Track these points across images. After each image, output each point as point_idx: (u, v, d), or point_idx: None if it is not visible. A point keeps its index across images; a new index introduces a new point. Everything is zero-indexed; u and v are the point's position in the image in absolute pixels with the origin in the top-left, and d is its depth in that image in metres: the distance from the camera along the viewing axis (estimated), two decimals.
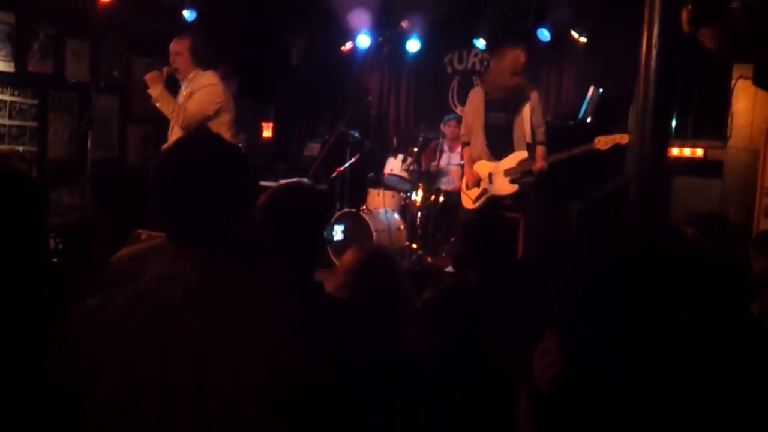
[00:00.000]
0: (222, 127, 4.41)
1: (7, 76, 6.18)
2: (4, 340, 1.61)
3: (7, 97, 6.22)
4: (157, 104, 4.52)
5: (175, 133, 4.56)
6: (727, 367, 0.57)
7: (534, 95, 5.16)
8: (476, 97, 5.37)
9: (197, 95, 4.45)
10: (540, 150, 5.09)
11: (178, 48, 4.54)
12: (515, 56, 5.08)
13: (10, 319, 1.63)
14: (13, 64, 6.22)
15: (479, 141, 5.30)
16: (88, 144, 5.58)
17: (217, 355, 1.24)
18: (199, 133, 1.51)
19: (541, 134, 5.14)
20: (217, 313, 1.28)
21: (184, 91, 4.57)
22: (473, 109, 5.38)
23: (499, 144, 5.22)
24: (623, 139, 4.72)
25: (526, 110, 5.11)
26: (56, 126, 6.61)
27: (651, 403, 0.56)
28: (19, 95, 6.31)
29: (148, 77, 4.52)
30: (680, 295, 0.62)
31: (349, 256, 2.25)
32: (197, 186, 1.34)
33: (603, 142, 4.81)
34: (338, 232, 6.44)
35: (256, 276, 1.64)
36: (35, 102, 6.43)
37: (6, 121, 6.22)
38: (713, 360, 0.58)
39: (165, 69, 4.54)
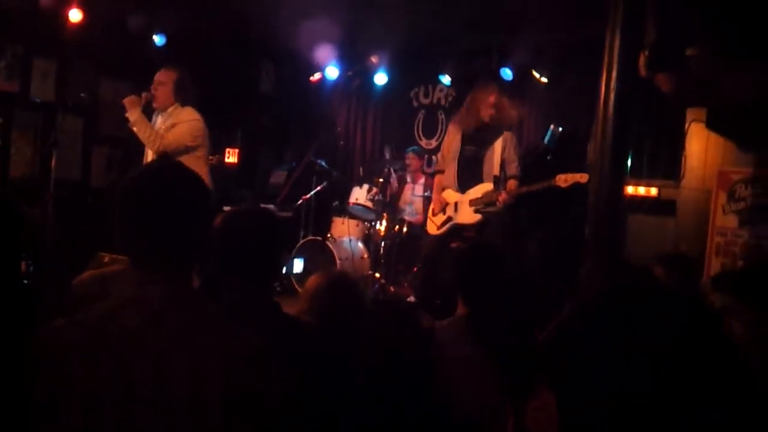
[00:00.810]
0: (199, 161, 4.44)
1: None
2: None
3: None
4: (134, 128, 4.51)
5: (149, 159, 4.57)
6: (710, 377, 0.60)
7: (506, 132, 5.32)
8: (453, 129, 5.53)
9: (179, 127, 4.48)
10: (511, 183, 5.23)
11: (164, 78, 4.56)
12: (488, 95, 5.26)
13: None
14: None
15: (451, 171, 5.45)
16: (52, 164, 5.53)
17: (177, 374, 1.28)
18: (163, 160, 1.54)
19: (513, 168, 5.31)
20: (177, 334, 1.31)
21: (163, 123, 4.58)
22: (449, 140, 5.54)
23: (468, 175, 5.38)
24: (583, 178, 4.83)
25: (498, 144, 5.27)
26: (19, 145, 6.53)
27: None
28: None
29: (126, 101, 4.52)
30: (665, 339, 0.64)
31: (312, 280, 2.28)
32: (161, 212, 1.37)
33: (563, 180, 4.93)
34: (298, 264, 6.47)
35: (213, 298, 1.68)
36: None
37: None
38: (699, 372, 0.61)
39: (144, 95, 4.55)
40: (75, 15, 6.23)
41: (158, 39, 6.96)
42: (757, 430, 0.59)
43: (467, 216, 5.32)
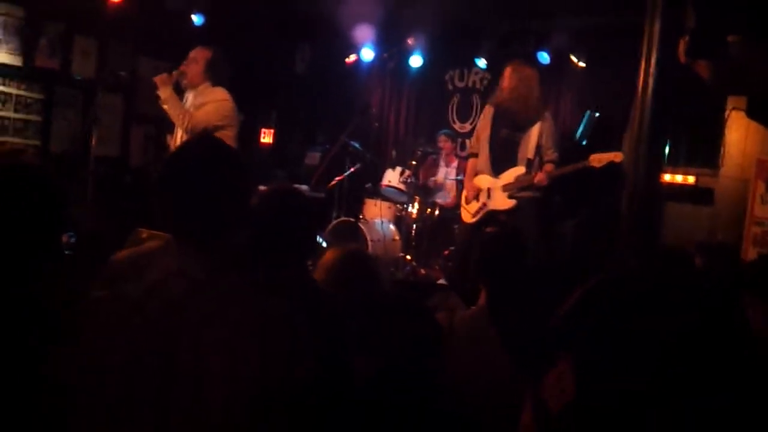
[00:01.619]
0: (227, 141, 4.43)
1: (14, 70, 6.24)
2: (21, 332, 1.67)
3: (13, 91, 6.28)
4: (165, 106, 4.54)
5: (179, 137, 4.62)
6: (718, 363, 0.59)
7: (545, 116, 5.18)
8: (488, 111, 5.43)
9: (208, 107, 4.48)
10: (548, 167, 5.11)
11: (197, 56, 4.55)
12: (528, 75, 5.15)
13: (27, 310, 1.69)
14: (20, 58, 6.29)
15: (484, 155, 5.35)
16: (92, 141, 5.64)
17: (216, 345, 1.32)
18: (203, 136, 1.56)
19: (550, 155, 5.15)
20: (219, 305, 1.35)
21: (193, 101, 4.60)
22: (483, 123, 5.44)
23: (503, 160, 5.26)
24: (617, 157, 4.76)
25: (535, 130, 5.13)
26: (60, 122, 6.67)
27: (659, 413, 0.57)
28: (25, 89, 6.38)
29: (157, 79, 4.54)
30: (690, 322, 0.64)
31: (329, 254, 2.30)
32: (202, 187, 1.40)
33: (597, 160, 4.85)
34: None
35: (251, 273, 1.72)
36: (41, 97, 6.50)
37: (11, 114, 6.28)
38: (708, 357, 0.60)
39: (174, 72, 4.58)
40: None
41: (197, 18, 7.02)
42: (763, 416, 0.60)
43: (501, 202, 5.25)
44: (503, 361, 2.00)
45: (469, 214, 5.47)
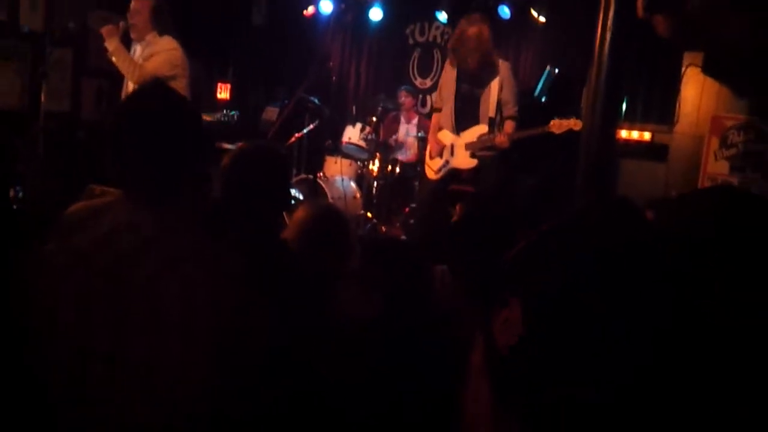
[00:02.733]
0: (179, 91, 4.37)
1: None
2: None
3: None
4: (113, 59, 4.45)
5: (130, 89, 4.52)
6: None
7: (504, 70, 5.15)
8: (449, 65, 5.40)
9: (157, 57, 4.40)
10: (508, 125, 5.11)
11: (139, 6, 4.47)
12: (480, 29, 5.10)
13: None
14: None
15: (447, 110, 5.35)
16: (41, 96, 5.47)
17: (168, 299, 1.30)
18: (155, 85, 1.50)
19: (510, 109, 5.15)
20: (170, 260, 1.33)
21: (141, 52, 4.52)
22: (446, 77, 5.42)
23: (465, 115, 5.26)
24: (577, 125, 4.77)
25: (495, 84, 5.12)
26: (8, 76, 6.43)
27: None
28: None
29: (104, 30, 4.43)
30: (649, 262, 0.63)
31: (301, 210, 2.29)
32: (154, 138, 1.36)
33: (557, 126, 4.87)
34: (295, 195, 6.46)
35: (211, 230, 1.70)
36: None
37: None
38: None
39: (121, 24, 4.46)
40: None
41: None
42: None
43: (463, 160, 5.28)
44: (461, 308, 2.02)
45: (432, 170, 5.49)
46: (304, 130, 6.73)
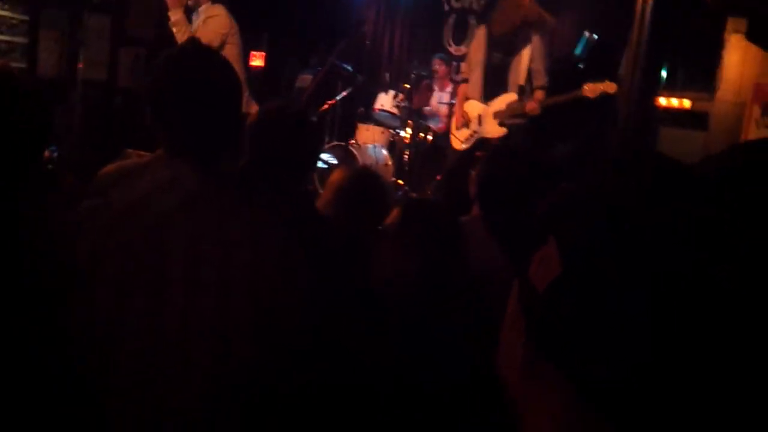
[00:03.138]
0: (229, 59, 4.45)
1: None
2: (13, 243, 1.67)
3: None
4: (174, 29, 4.61)
5: None
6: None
7: (536, 39, 5.05)
8: (480, 33, 5.31)
9: (206, 25, 4.58)
10: (538, 94, 5.02)
11: None
12: None
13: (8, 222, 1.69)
14: None
15: (475, 79, 5.27)
16: (79, 64, 5.54)
17: (207, 258, 1.31)
18: (195, 46, 1.50)
19: (540, 79, 5.05)
20: (210, 219, 1.34)
21: (196, 22, 4.70)
22: (476, 46, 5.32)
23: (494, 85, 5.17)
24: (610, 87, 4.68)
25: (526, 53, 5.02)
26: (47, 44, 6.51)
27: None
28: (9, 9, 6.20)
29: (169, 0, 4.60)
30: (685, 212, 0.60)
31: (338, 173, 2.26)
32: (195, 97, 1.37)
33: (591, 90, 4.78)
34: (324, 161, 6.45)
35: (249, 188, 1.70)
36: (26, 18, 6.32)
37: None
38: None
39: None
40: None
41: None
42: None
43: (492, 129, 5.20)
44: (498, 262, 1.99)
45: (458, 141, 5.43)
46: (337, 97, 6.72)
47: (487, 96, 5.21)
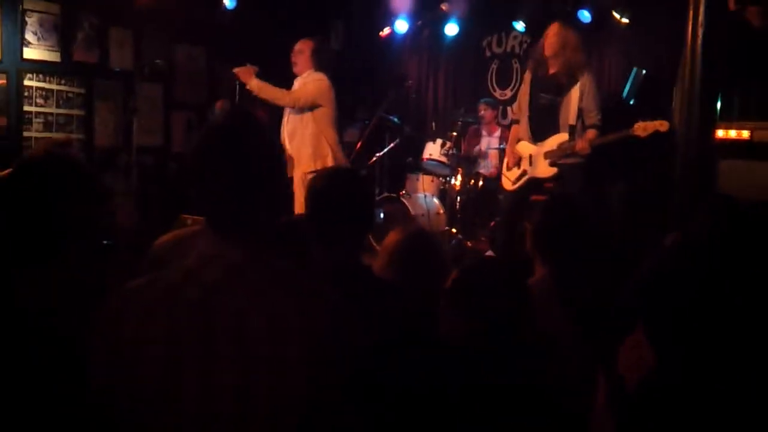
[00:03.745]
0: (324, 119, 5.06)
1: (53, 66, 6.32)
2: (56, 313, 1.66)
3: (54, 86, 6.36)
4: (260, 95, 5.02)
5: (287, 119, 5.15)
6: None
7: (586, 78, 5.00)
8: (527, 76, 5.31)
9: (307, 85, 5.05)
10: (589, 133, 4.94)
11: (302, 47, 5.16)
12: (569, 36, 4.97)
13: (62, 295, 1.69)
14: (59, 54, 6.36)
15: (524, 121, 5.25)
16: (133, 131, 5.70)
17: (256, 332, 1.27)
18: (238, 115, 1.48)
19: (592, 118, 4.97)
20: (257, 292, 1.30)
21: (297, 84, 5.15)
22: (524, 88, 5.32)
23: (543, 125, 5.12)
24: (663, 126, 4.56)
25: (575, 92, 4.97)
26: (102, 114, 6.74)
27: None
28: (65, 84, 6.45)
29: (239, 72, 5.04)
30: None
31: (392, 237, 2.25)
32: (238, 170, 1.34)
33: (642, 129, 4.66)
34: (378, 216, 6.46)
35: (296, 258, 1.66)
36: (81, 90, 6.57)
37: (53, 110, 6.37)
38: None
39: (252, 66, 5.05)
40: None
41: (228, 2, 6.98)
42: None
43: (543, 169, 5.13)
44: (568, 334, 1.90)
45: (509, 181, 5.39)
46: (385, 149, 6.74)
47: (537, 137, 5.16)
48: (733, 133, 5.67)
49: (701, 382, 0.45)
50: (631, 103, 6.15)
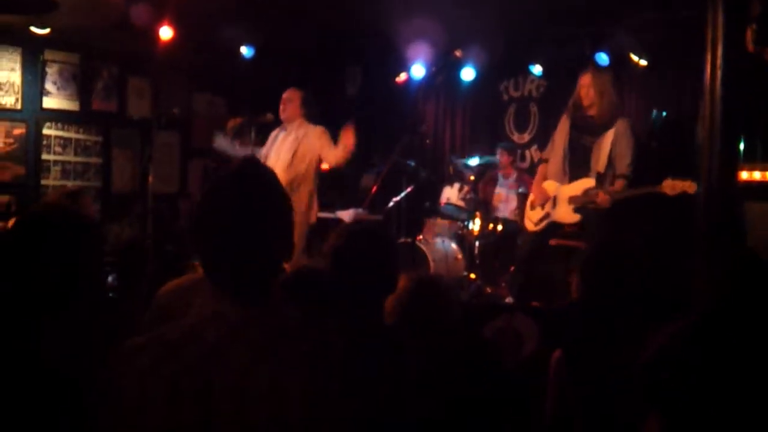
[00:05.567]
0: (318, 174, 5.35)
1: (72, 115, 6.40)
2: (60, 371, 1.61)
3: (72, 135, 6.44)
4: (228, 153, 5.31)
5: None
6: None
7: (621, 124, 5.00)
8: (565, 118, 5.33)
9: (306, 138, 5.26)
10: (618, 184, 4.91)
11: (291, 96, 5.36)
12: (605, 80, 5.07)
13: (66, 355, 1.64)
14: (78, 103, 6.45)
15: (557, 159, 5.22)
16: (150, 179, 5.71)
17: (257, 392, 1.22)
18: (243, 169, 1.38)
19: (623, 167, 4.95)
20: (257, 350, 1.25)
21: (288, 134, 5.32)
22: (560, 128, 5.34)
23: (574, 165, 5.13)
24: (691, 188, 4.49)
25: (609, 136, 4.96)
26: (120, 162, 6.79)
27: None
28: (84, 133, 6.52)
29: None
30: None
31: (400, 282, 2.21)
32: (239, 229, 1.27)
33: (671, 187, 4.58)
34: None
35: (315, 306, 1.59)
36: (99, 139, 6.64)
37: (72, 158, 6.43)
38: None
39: (269, 115, 5.38)
40: (166, 32, 6.37)
41: (246, 51, 7.05)
42: None
43: (565, 215, 5.07)
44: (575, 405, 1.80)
45: (531, 222, 5.33)
46: (401, 194, 6.69)
47: (566, 177, 5.12)
48: (757, 175, 5.56)
49: None
50: (654, 144, 6.07)
